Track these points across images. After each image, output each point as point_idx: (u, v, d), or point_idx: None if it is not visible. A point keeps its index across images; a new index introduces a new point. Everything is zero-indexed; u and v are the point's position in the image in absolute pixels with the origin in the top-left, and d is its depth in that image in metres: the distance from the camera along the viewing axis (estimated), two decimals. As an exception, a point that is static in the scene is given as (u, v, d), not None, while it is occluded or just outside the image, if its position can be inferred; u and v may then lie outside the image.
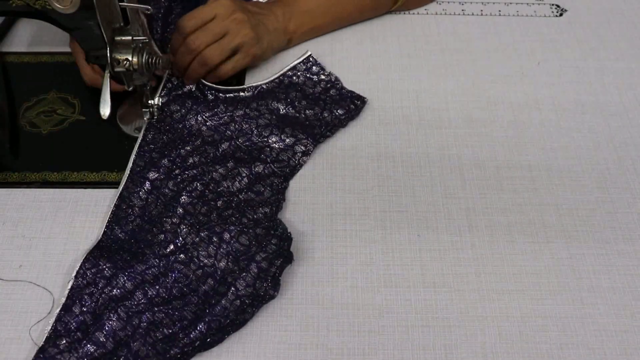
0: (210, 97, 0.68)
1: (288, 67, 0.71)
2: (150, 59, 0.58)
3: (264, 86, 0.69)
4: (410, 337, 0.54)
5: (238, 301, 0.54)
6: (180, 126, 0.66)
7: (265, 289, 0.55)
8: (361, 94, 0.70)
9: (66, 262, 0.58)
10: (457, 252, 0.59)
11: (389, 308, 0.55)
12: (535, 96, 0.72)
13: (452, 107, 0.70)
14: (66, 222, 0.60)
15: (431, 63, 0.75)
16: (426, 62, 0.75)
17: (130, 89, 0.61)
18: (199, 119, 0.66)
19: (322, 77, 0.71)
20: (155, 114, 0.66)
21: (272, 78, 0.70)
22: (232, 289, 0.55)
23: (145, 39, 0.57)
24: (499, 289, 0.56)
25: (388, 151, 0.66)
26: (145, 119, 0.66)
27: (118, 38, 0.56)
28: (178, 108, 0.67)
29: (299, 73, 0.71)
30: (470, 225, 0.60)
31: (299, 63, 0.71)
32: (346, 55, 0.76)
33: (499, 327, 0.54)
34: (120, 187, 0.61)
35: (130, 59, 0.57)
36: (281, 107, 0.68)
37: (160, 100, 0.66)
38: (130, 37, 0.57)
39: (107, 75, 0.58)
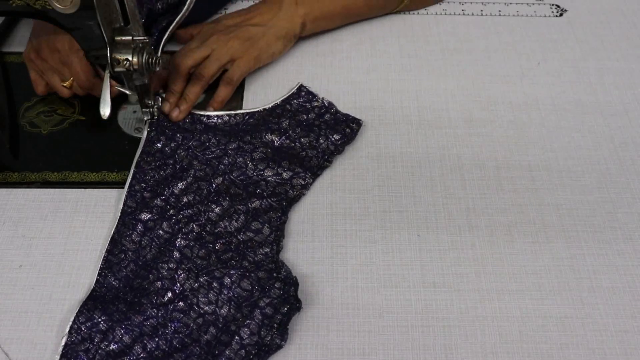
0: (200, 127, 0.66)
1: (281, 98, 0.69)
2: (150, 59, 0.58)
3: (256, 114, 0.67)
4: (410, 337, 0.54)
5: (243, 351, 0.51)
6: (171, 162, 0.63)
7: (271, 338, 0.52)
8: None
9: (66, 262, 0.58)
10: (457, 252, 0.59)
11: (389, 308, 0.55)
12: (535, 96, 0.72)
13: (452, 107, 0.70)
14: (66, 222, 0.60)
15: (431, 63, 0.75)
16: (426, 62, 0.75)
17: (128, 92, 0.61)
18: (190, 153, 0.63)
19: (316, 103, 0.69)
20: (155, 114, 0.66)
21: (264, 107, 0.68)
22: (236, 337, 0.52)
23: (145, 39, 0.57)
24: (499, 289, 0.57)
25: (388, 151, 0.66)
26: (145, 119, 0.66)
27: (118, 38, 0.56)
28: (168, 142, 0.64)
29: (292, 101, 0.69)
30: (470, 225, 0.61)
31: (292, 94, 0.70)
32: (346, 55, 0.76)
33: (499, 327, 0.54)
34: (112, 231, 0.58)
35: (130, 59, 0.56)
36: (275, 139, 0.65)
37: (161, 100, 0.66)
38: (130, 37, 0.57)
39: (107, 75, 0.58)
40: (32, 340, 0.53)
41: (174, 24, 0.69)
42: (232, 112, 0.68)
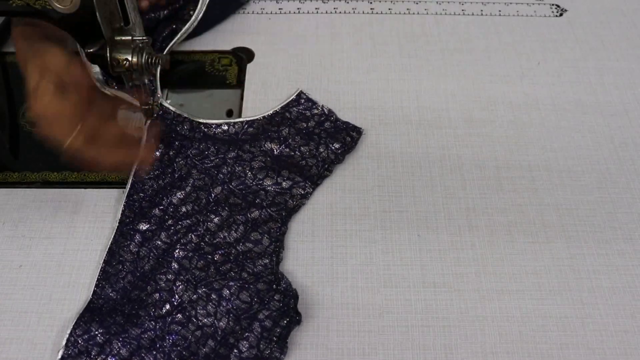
0: (199, 136, 0.65)
1: (279, 106, 0.68)
2: (150, 59, 0.58)
3: (255, 123, 0.66)
4: (410, 337, 0.54)
5: None
6: (170, 170, 0.62)
7: (271, 351, 0.51)
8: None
9: (66, 262, 0.58)
10: (457, 252, 0.59)
11: (389, 308, 0.55)
12: (535, 96, 0.72)
13: (452, 107, 0.70)
14: (66, 222, 0.60)
15: (431, 63, 0.75)
16: (426, 62, 0.75)
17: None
18: (189, 161, 0.63)
19: (315, 111, 0.68)
20: (155, 113, 0.66)
21: (263, 114, 0.67)
22: (235, 351, 0.51)
23: (145, 39, 0.57)
24: (499, 289, 0.57)
25: (388, 151, 0.66)
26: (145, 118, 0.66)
27: (118, 38, 0.56)
28: (166, 150, 0.64)
29: (291, 109, 0.68)
30: (470, 225, 0.61)
31: (291, 101, 0.69)
32: (346, 55, 0.76)
33: (499, 327, 0.54)
34: (109, 241, 0.58)
35: (130, 59, 0.56)
36: (275, 147, 0.64)
37: (160, 98, 0.66)
38: (130, 37, 0.57)
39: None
40: (32, 340, 0.53)
41: (179, 34, 0.70)
42: (232, 120, 0.67)
